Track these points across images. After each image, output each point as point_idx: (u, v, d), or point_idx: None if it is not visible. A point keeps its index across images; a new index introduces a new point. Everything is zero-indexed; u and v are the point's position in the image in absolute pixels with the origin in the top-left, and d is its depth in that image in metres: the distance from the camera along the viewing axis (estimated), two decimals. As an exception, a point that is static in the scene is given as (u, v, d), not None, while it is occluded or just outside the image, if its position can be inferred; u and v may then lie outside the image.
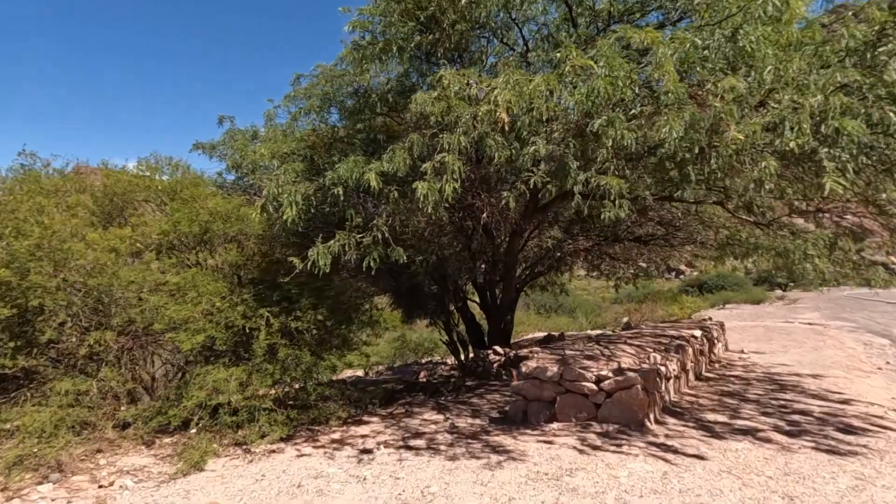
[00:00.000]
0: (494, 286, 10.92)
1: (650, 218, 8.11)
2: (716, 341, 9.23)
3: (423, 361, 16.42)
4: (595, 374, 5.51)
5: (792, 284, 41.28)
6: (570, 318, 22.15)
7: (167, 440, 5.57)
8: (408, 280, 9.27)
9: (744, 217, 7.47)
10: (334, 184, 5.39)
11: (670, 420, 5.56)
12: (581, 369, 5.59)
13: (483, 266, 10.62)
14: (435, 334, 13.79)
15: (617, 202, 4.31)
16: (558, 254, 11.34)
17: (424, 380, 12.85)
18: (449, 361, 13.00)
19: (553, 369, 5.73)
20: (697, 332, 8.23)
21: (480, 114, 4.74)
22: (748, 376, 7.72)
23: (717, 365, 8.61)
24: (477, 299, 11.59)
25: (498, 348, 10.07)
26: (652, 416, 5.42)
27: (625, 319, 18.66)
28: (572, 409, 5.61)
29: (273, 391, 5.77)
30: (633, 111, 4.41)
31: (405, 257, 5.36)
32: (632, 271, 13.53)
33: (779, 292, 37.08)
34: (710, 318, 10.20)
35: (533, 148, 4.50)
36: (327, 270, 5.08)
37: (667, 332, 8.02)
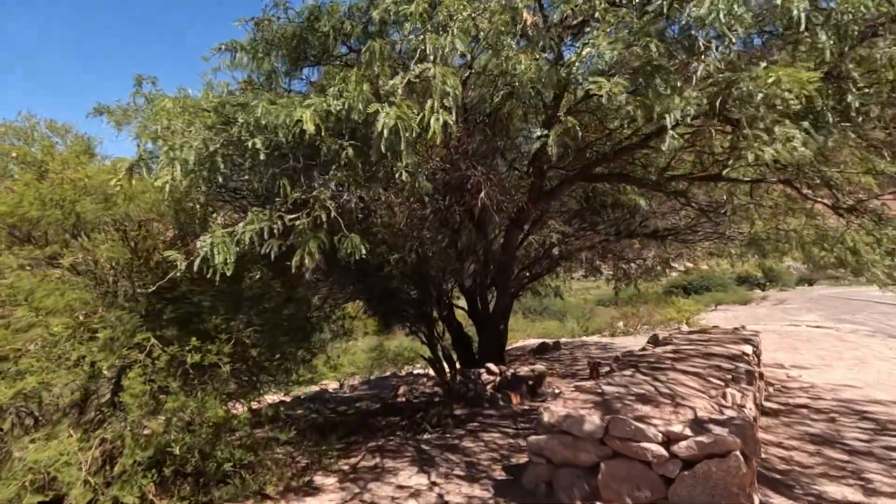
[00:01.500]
0: (485, 290, 8.83)
1: (688, 203, 6.16)
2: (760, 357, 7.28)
3: (403, 374, 14.29)
4: (661, 429, 3.44)
5: (769, 284, 40.33)
6: (559, 323, 20.21)
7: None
8: (380, 283, 7.12)
9: (819, 200, 5.52)
10: (249, 132, 3.23)
11: (776, 498, 3.52)
12: (637, 421, 3.51)
13: (472, 267, 8.54)
14: (416, 343, 11.62)
15: (784, 130, 2.20)
16: (557, 252, 9.31)
17: (404, 398, 10.75)
18: (431, 372, 10.87)
19: (593, 420, 3.64)
20: (748, 349, 6.25)
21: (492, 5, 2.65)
22: (821, 406, 5.76)
23: (771, 388, 6.65)
24: (462, 305, 9.47)
25: (492, 366, 7.98)
26: (757, 500, 3.37)
27: (620, 324, 16.79)
28: (625, 483, 3.52)
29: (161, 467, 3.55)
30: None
31: (363, 250, 3.21)
32: (636, 271, 11.61)
33: (759, 292, 35.89)
34: (744, 327, 8.34)
35: (587, 50, 2.42)
36: (228, 271, 2.91)
37: (713, 350, 6.02)
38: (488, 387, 7.85)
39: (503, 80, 3.83)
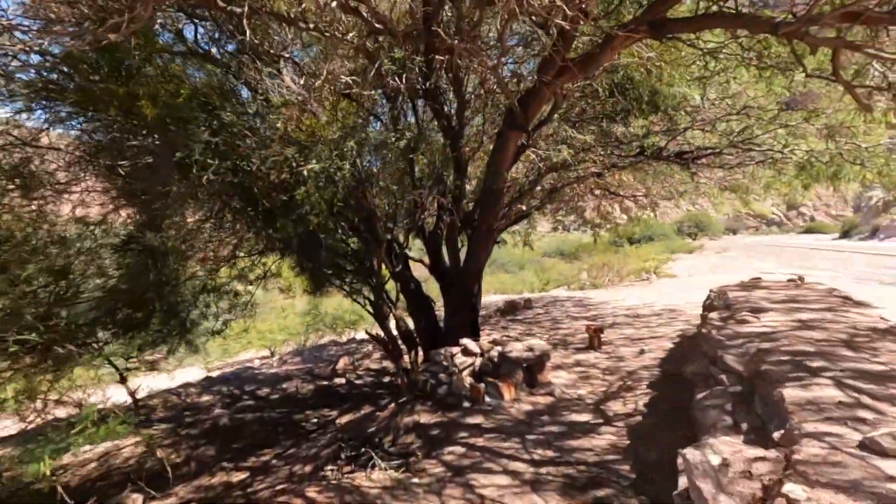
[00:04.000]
0: (455, 235, 5.88)
1: (835, 74, 3.42)
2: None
3: (344, 340, 11.32)
4: None
5: (699, 233, 40.41)
6: (513, 276, 17.80)
7: None
8: (289, 217, 3.99)
9: None
10: None
11: None
12: None
13: (437, 202, 5.54)
14: (356, 305, 8.58)
15: None
16: (544, 185, 6.50)
17: (344, 378, 7.93)
18: (376, 337, 7.98)
19: None
20: (874, 312, 3.81)
21: None
22: None
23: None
24: (414, 257, 6.48)
25: (470, 343, 5.16)
26: None
27: (584, 275, 14.50)
28: None
29: None
30: None
31: None
32: (630, 210, 9.13)
33: (689, 241, 35.50)
34: (802, 278, 6.04)
35: None
36: None
37: (850, 318, 3.51)
38: (465, 373, 5.07)
39: None
